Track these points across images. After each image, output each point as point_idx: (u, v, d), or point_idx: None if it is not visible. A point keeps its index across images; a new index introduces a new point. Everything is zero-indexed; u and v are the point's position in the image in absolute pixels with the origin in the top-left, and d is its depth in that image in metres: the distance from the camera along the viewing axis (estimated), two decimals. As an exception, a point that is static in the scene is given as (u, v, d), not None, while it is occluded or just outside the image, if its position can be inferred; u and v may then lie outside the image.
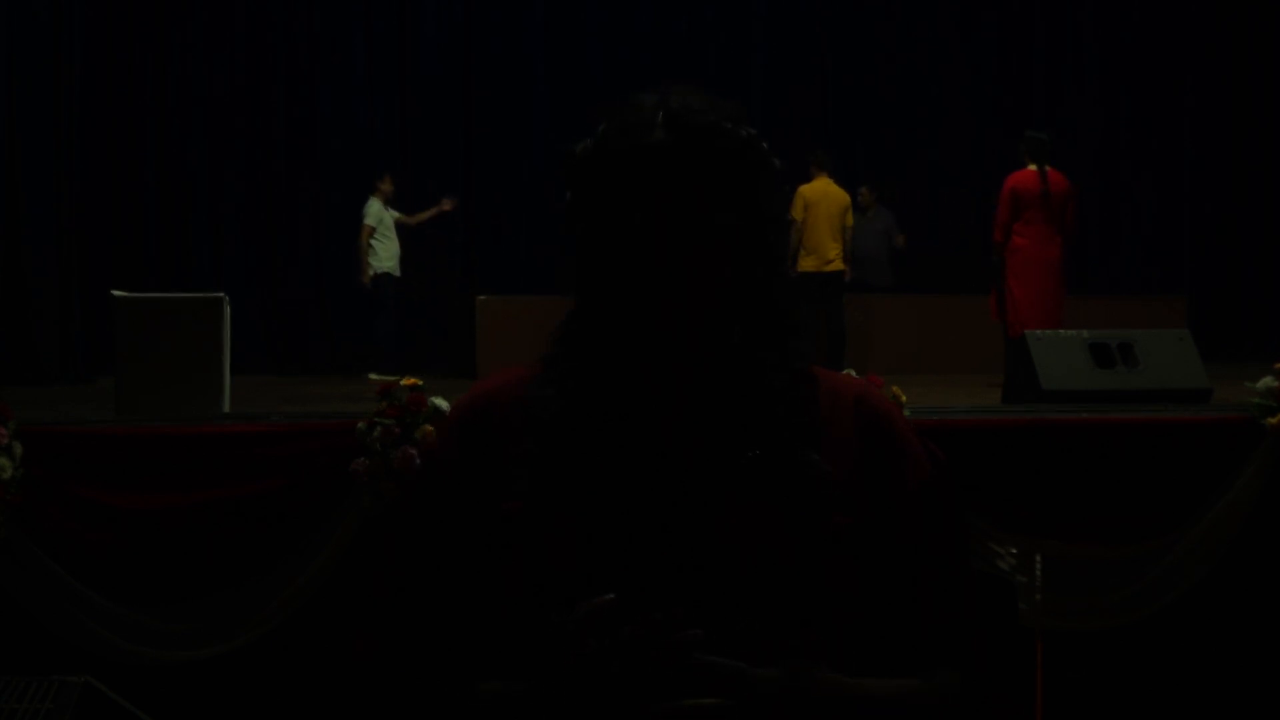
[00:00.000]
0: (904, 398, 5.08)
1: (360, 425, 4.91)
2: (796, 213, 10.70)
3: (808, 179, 10.98)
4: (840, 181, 11.25)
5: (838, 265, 10.98)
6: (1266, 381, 5.20)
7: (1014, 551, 5.11)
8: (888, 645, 1.58)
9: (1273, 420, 5.10)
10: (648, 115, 1.54)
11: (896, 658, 1.58)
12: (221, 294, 6.56)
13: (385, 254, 11.85)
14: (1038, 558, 5.11)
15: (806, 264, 10.81)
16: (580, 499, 1.53)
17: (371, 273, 11.82)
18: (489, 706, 1.53)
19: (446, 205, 12.38)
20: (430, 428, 4.84)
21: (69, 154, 11.24)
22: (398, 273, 11.96)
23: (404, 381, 5.07)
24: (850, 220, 11.11)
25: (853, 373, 5.02)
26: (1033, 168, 9.13)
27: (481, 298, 12.07)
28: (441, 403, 4.98)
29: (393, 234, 11.94)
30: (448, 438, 1.65)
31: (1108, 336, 6.68)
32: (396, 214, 12.05)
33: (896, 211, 12.93)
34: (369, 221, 11.84)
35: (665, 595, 1.48)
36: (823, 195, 10.92)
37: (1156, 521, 5.11)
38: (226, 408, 6.24)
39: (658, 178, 1.51)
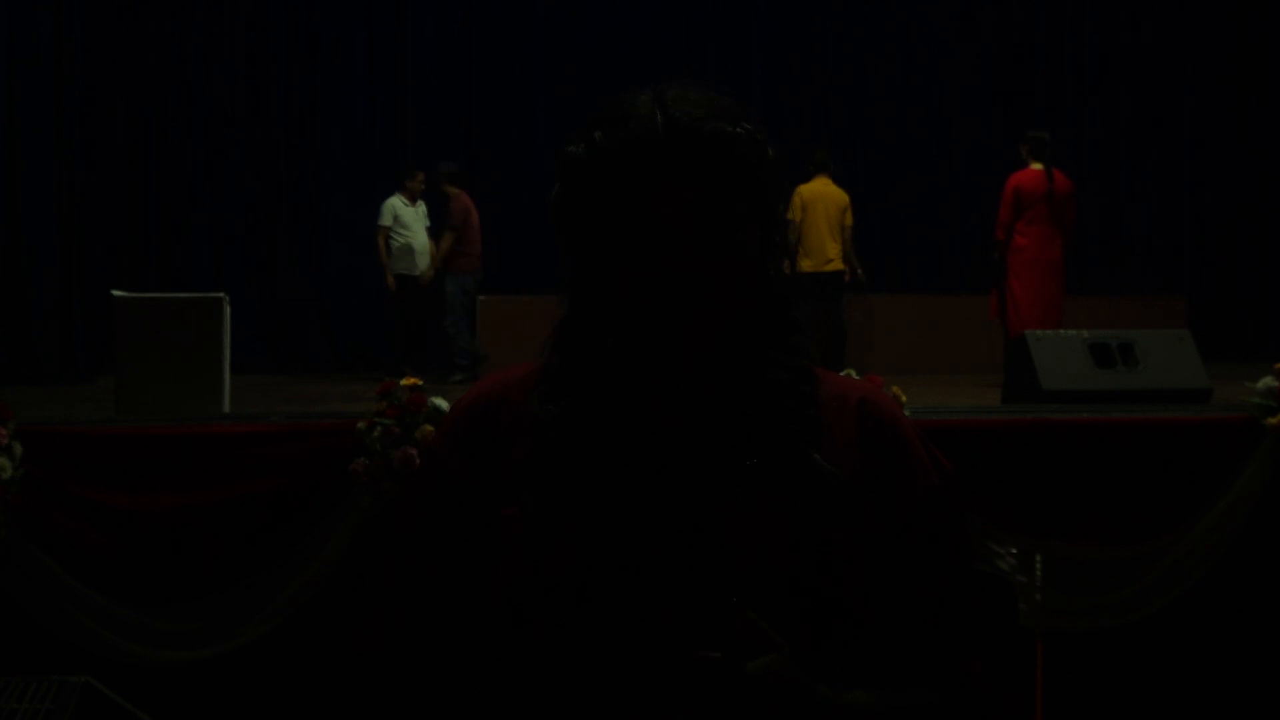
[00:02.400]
0: (904, 398, 5.08)
1: (360, 425, 4.91)
2: (794, 213, 10.68)
3: (807, 179, 10.97)
4: (840, 181, 11.24)
5: (837, 265, 10.96)
6: (1266, 381, 5.20)
7: (1014, 551, 5.11)
8: (885, 652, 1.57)
9: (1273, 420, 5.10)
10: (643, 112, 1.52)
11: (893, 666, 1.57)
12: (221, 294, 6.56)
13: (399, 253, 11.47)
14: (1038, 558, 5.11)
15: (804, 264, 10.79)
16: (582, 502, 1.52)
17: (392, 275, 11.39)
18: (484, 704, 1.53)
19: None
20: (430, 428, 4.84)
21: (69, 154, 11.24)
22: (416, 271, 11.47)
23: (404, 381, 5.07)
24: (850, 220, 11.08)
25: (853, 373, 5.02)
26: (1036, 167, 9.15)
27: (481, 298, 12.06)
28: (441, 403, 4.98)
29: (415, 231, 11.54)
30: (447, 437, 1.64)
31: (1108, 336, 6.69)
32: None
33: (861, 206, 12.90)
34: (383, 221, 11.45)
35: (667, 598, 1.48)
36: (820, 195, 10.90)
37: (1156, 521, 5.11)
38: (226, 408, 6.25)
39: (654, 174, 1.49)
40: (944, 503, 1.61)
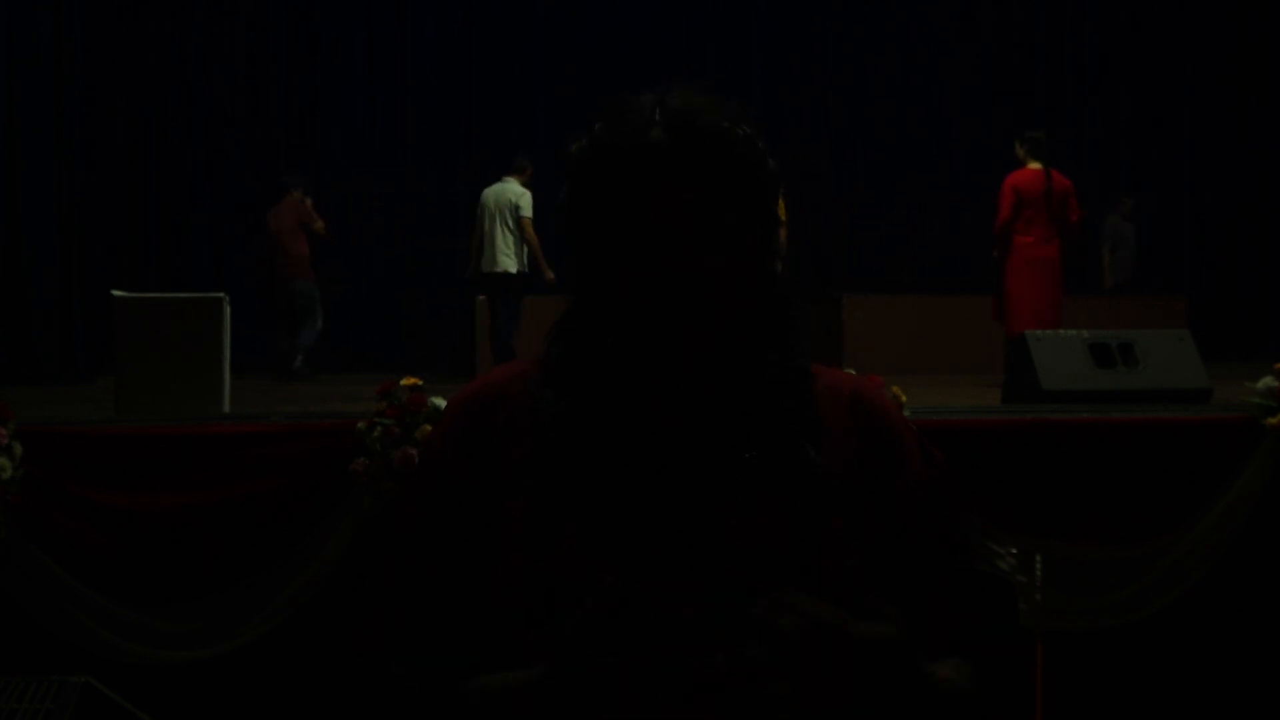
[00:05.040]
0: (904, 398, 5.07)
1: (360, 425, 4.91)
2: (780, 212, 10.70)
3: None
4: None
5: None
6: (1266, 381, 5.20)
7: (1014, 551, 5.11)
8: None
9: (1273, 420, 5.10)
10: (646, 114, 1.53)
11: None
12: (221, 294, 6.55)
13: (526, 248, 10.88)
14: (1038, 558, 5.11)
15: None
16: (582, 497, 1.52)
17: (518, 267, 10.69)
18: (485, 702, 1.53)
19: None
20: (430, 428, 4.84)
21: (69, 154, 11.24)
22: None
23: (404, 381, 5.07)
24: None
25: (852, 372, 5.02)
26: (1034, 166, 9.15)
27: (482, 298, 12.07)
28: (441, 403, 4.98)
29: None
30: (445, 436, 1.64)
31: (1108, 336, 6.69)
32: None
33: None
34: (532, 214, 10.64)
35: (667, 593, 1.48)
36: None
37: (1156, 521, 5.11)
38: (226, 408, 6.24)
39: (654, 177, 1.50)
40: (937, 493, 1.62)
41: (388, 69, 13.92)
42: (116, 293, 6.64)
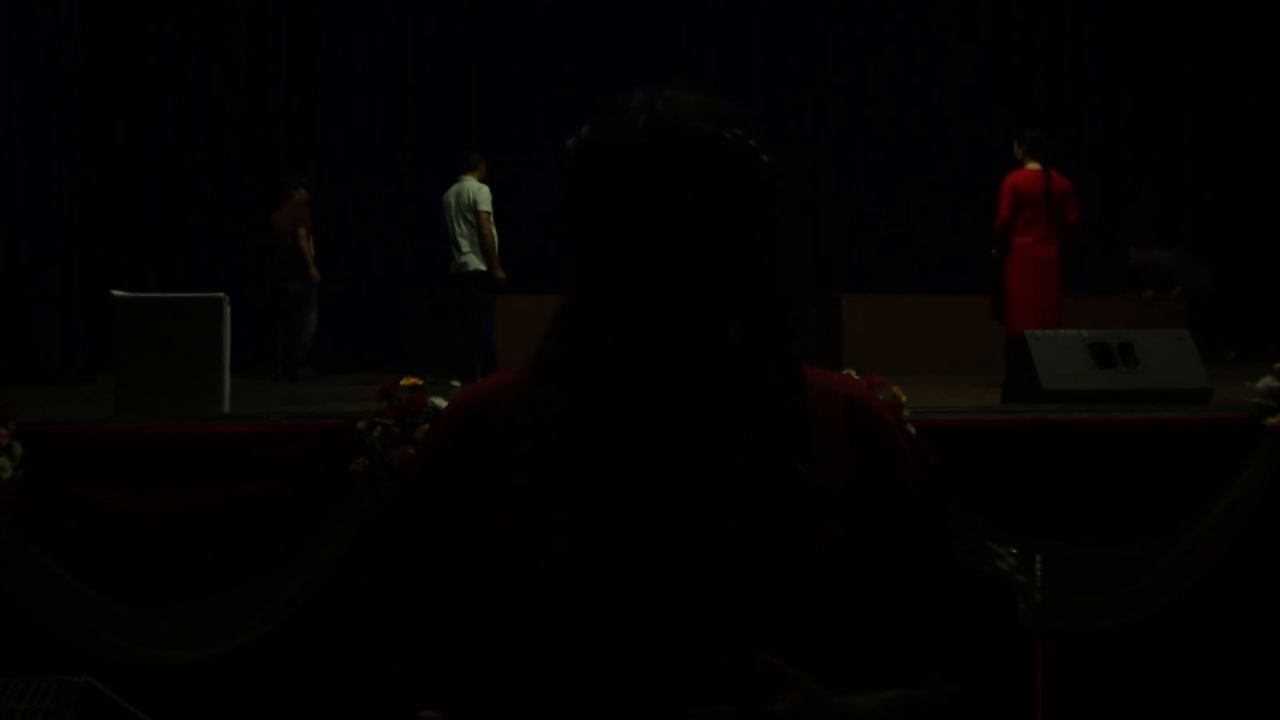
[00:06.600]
0: (904, 398, 5.07)
1: (360, 425, 4.91)
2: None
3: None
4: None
5: None
6: (1266, 381, 5.20)
7: (1014, 551, 5.10)
8: (876, 650, 1.57)
9: (1273, 420, 5.10)
10: (631, 116, 1.53)
11: (885, 663, 1.57)
12: (221, 294, 6.56)
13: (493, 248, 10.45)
14: (1038, 558, 5.11)
15: None
16: (582, 497, 1.52)
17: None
18: None
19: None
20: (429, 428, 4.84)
21: (69, 154, 11.24)
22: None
23: (404, 381, 5.07)
24: None
25: (853, 373, 5.02)
26: (1033, 166, 9.15)
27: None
28: (441, 403, 4.98)
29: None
30: (443, 433, 1.64)
31: (1108, 336, 6.68)
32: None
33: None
34: (490, 208, 10.41)
35: (668, 598, 1.48)
36: None
37: (1156, 521, 5.11)
38: (226, 408, 6.24)
39: (642, 177, 1.50)
40: (930, 499, 1.63)
41: (388, 69, 13.92)
42: (116, 293, 6.64)
